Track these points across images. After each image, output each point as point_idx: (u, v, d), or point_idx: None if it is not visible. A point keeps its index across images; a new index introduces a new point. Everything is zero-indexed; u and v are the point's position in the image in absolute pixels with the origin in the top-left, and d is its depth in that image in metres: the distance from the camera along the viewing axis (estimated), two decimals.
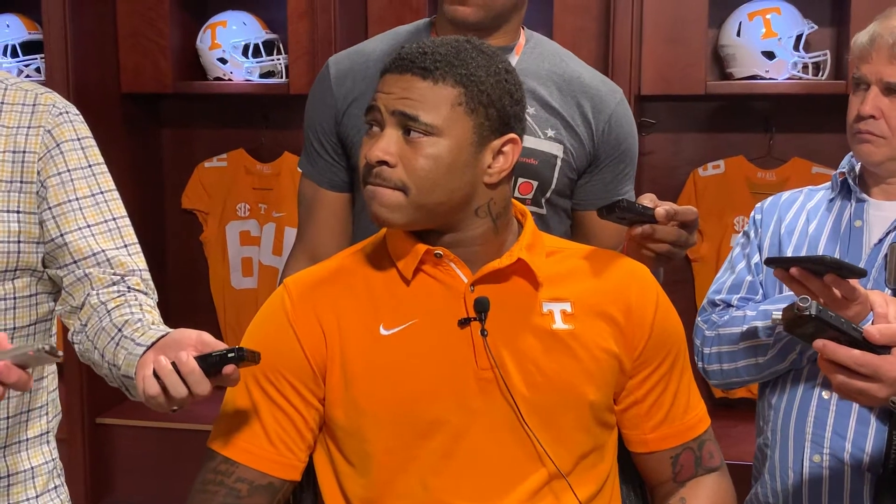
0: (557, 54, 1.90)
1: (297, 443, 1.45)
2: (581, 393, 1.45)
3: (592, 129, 1.85)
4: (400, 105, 1.38)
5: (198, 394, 1.29)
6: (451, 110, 1.39)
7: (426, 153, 1.38)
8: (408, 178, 1.38)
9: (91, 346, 1.47)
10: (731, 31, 2.98)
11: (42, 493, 1.63)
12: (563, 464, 1.44)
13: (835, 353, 1.33)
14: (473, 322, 1.43)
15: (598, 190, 1.88)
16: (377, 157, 1.38)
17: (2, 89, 1.56)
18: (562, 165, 1.84)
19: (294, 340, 1.45)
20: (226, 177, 3.47)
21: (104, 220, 1.56)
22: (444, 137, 1.38)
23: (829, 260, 1.51)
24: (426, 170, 1.38)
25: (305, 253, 1.94)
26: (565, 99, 1.85)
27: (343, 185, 1.93)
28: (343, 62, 1.91)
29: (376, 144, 1.39)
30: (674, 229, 1.56)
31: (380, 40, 1.93)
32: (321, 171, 1.92)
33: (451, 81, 1.39)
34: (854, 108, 1.73)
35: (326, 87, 1.89)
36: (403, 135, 1.39)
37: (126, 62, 3.27)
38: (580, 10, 3.02)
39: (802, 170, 3.08)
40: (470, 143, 1.40)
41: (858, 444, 1.69)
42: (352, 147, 1.86)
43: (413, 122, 1.38)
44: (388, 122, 1.40)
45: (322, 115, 1.90)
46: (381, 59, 1.83)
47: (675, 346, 1.53)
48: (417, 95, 1.38)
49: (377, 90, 1.42)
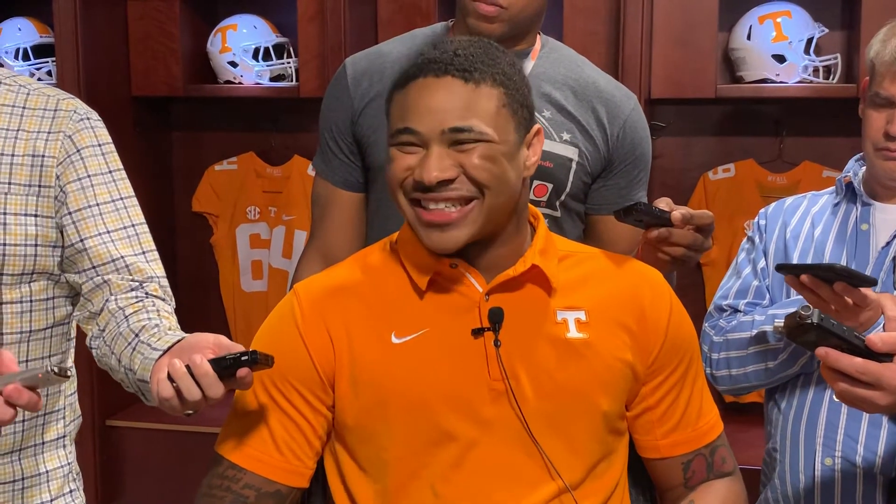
0: (573, 60, 1.90)
1: (305, 450, 1.45)
2: (594, 402, 1.44)
3: (607, 134, 1.86)
4: (449, 121, 1.35)
5: (211, 397, 1.29)
6: (497, 113, 1.37)
7: (481, 155, 1.36)
8: (478, 183, 1.36)
9: (108, 350, 1.48)
10: (741, 34, 2.98)
11: (57, 496, 1.64)
12: (574, 474, 1.44)
13: (837, 361, 1.33)
14: (487, 332, 1.42)
15: (612, 194, 1.89)
16: (437, 178, 1.34)
17: (24, 94, 1.57)
18: (577, 169, 1.84)
19: (302, 348, 1.45)
20: (236, 180, 3.47)
21: (123, 227, 1.56)
22: (496, 143, 1.37)
23: (840, 268, 1.51)
24: (489, 169, 1.36)
25: (319, 252, 1.94)
26: (581, 104, 1.85)
27: (357, 185, 1.92)
28: (360, 62, 1.91)
29: (428, 165, 1.35)
30: (689, 233, 1.56)
31: (398, 42, 1.93)
32: (336, 171, 1.92)
33: (490, 82, 1.37)
34: (877, 125, 1.69)
35: (343, 86, 1.89)
36: (452, 146, 1.36)
37: (137, 65, 3.28)
38: (590, 13, 3.01)
39: (813, 173, 3.07)
40: (515, 143, 1.40)
41: (870, 446, 1.69)
42: (368, 147, 1.86)
43: (467, 133, 1.35)
44: (433, 142, 1.36)
45: (338, 115, 1.90)
46: (399, 60, 1.83)
47: (688, 352, 1.52)
48: (464, 102, 1.35)
49: (406, 106, 1.38)
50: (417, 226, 1.39)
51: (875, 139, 1.70)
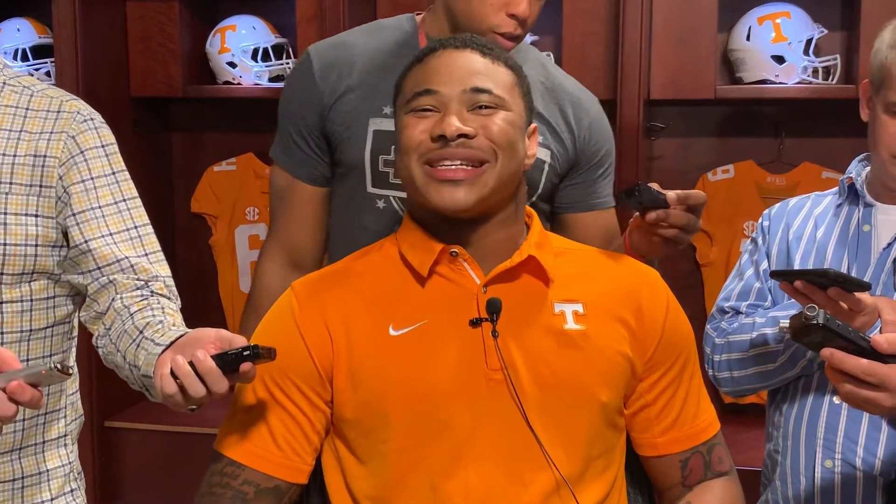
0: (540, 62, 1.91)
1: (304, 446, 1.46)
2: (593, 393, 1.45)
3: (575, 134, 1.87)
4: (470, 81, 1.42)
5: (216, 392, 1.29)
6: (511, 89, 1.45)
7: (502, 119, 1.43)
8: (494, 143, 1.41)
9: (114, 348, 1.48)
10: (740, 35, 2.98)
11: (57, 495, 1.64)
12: (573, 467, 1.44)
13: (842, 362, 1.33)
14: (485, 323, 1.43)
15: (579, 193, 1.90)
16: (458, 131, 1.39)
17: (28, 95, 1.57)
18: (548, 171, 1.85)
19: (301, 343, 1.45)
20: (235, 181, 3.47)
21: (126, 229, 1.57)
22: (510, 112, 1.44)
23: (833, 273, 1.51)
24: (508, 133, 1.43)
25: (281, 246, 1.92)
26: (550, 105, 1.85)
27: (322, 180, 1.89)
28: (326, 54, 1.86)
29: (449, 119, 1.40)
30: (684, 214, 1.57)
31: (363, 32, 1.90)
32: (300, 164, 1.89)
33: (504, 66, 1.46)
34: (892, 130, 1.67)
35: (309, 79, 1.85)
36: (471, 110, 1.42)
37: (136, 66, 3.28)
38: (589, 14, 3.01)
39: (812, 174, 3.07)
40: (524, 123, 1.48)
41: (870, 449, 1.69)
42: (340, 143, 1.83)
43: (487, 94, 1.42)
44: (453, 101, 1.42)
45: (305, 109, 1.86)
46: (367, 52, 1.82)
47: (685, 349, 1.53)
48: (484, 70, 1.44)
49: (425, 73, 1.44)
50: (429, 183, 1.42)
51: (891, 146, 1.69)
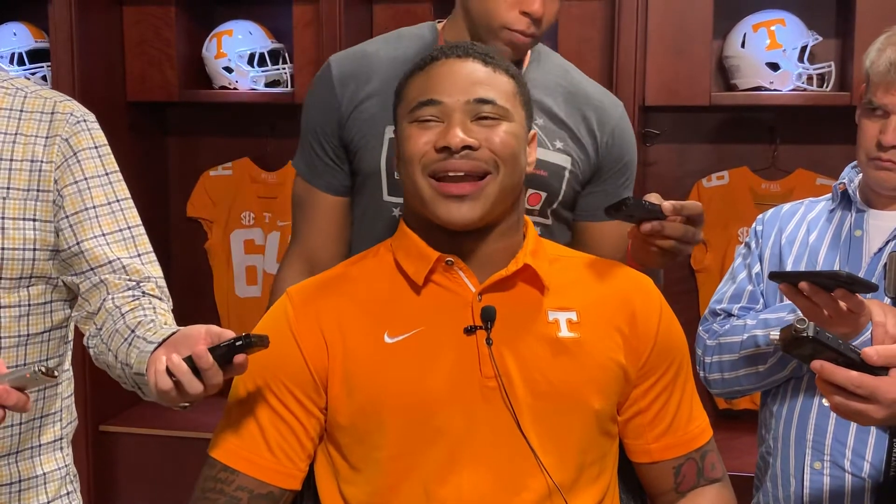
0: (562, 66, 1.90)
1: (298, 452, 1.46)
2: (586, 401, 1.45)
3: (597, 141, 1.85)
4: (473, 92, 1.42)
5: (212, 386, 1.30)
6: (513, 97, 1.45)
7: (504, 131, 1.43)
8: (496, 155, 1.42)
9: (105, 348, 1.48)
10: (735, 42, 2.99)
11: (54, 499, 1.64)
12: (566, 474, 1.44)
13: (832, 374, 1.33)
14: (479, 331, 1.43)
15: (600, 200, 1.88)
16: (463, 142, 1.40)
17: (21, 97, 1.58)
18: (569, 177, 1.84)
19: (296, 349, 1.45)
20: (231, 185, 3.47)
21: (119, 230, 1.57)
22: (512, 122, 1.44)
23: (845, 275, 1.50)
24: (510, 145, 1.43)
25: (301, 257, 1.92)
26: (572, 111, 1.85)
27: (342, 190, 1.89)
28: (346, 64, 1.87)
29: (453, 130, 1.40)
30: (681, 225, 1.56)
31: (383, 42, 1.90)
32: (320, 174, 1.89)
33: (506, 74, 1.46)
34: (871, 134, 1.70)
35: (329, 88, 1.86)
36: (474, 120, 1.42)
37: (132, 70, 3.28)
38: (585, 20, 3.02)
39: (807, 181, 3.08)
40: (524, 132, 1.48)
41: (859, 451, 1.70)
42: (357, 152, 1.83)
43: (490, 105, 1.42)
44: (456, 112, 1.42)
45: (324, 118, 1.86)
46: (387, 61, 1.82)
47: (678, 355, 1.54)
48: (487, 79, 1.44)
49: (427, 82, 1.44)
50: (435, 198, 1.42)
51: (867, 148, 1.71)
